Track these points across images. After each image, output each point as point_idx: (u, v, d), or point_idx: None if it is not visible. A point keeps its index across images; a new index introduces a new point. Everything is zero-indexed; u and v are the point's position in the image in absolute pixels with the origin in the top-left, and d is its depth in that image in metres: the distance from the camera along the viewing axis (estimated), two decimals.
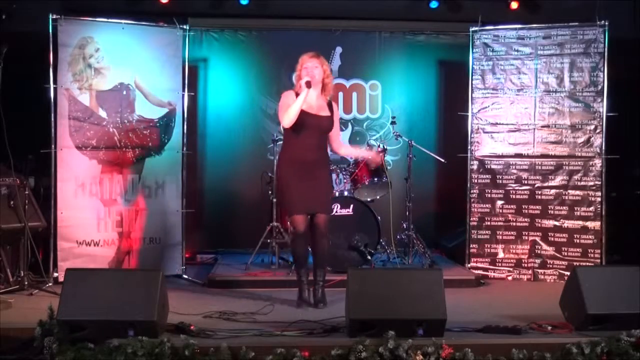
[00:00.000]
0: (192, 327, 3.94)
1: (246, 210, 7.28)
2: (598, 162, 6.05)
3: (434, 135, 7.52)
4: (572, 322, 4.17)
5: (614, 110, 6.02)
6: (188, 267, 6.26)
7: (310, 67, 4.81)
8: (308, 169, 4.78)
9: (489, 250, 6.27)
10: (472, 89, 6.33)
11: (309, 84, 4.71)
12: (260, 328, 4.11)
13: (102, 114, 5.86)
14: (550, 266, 6.11)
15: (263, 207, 6.62)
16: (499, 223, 6.26)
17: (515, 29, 6.28)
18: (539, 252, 6.16)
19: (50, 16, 5.60)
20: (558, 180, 6.15)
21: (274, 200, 6.23)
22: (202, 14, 7.24)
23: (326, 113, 4.86)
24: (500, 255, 6.24)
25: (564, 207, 6.12)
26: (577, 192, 6.10)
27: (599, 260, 5.95)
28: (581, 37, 6.08)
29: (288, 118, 4.69)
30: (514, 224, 6.23)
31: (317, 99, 4.85)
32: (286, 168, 4.87)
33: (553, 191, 6.17)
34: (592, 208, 6.05)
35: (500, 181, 6.27)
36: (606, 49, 5.98)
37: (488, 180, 6.30)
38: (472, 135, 6.32)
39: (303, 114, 4.72)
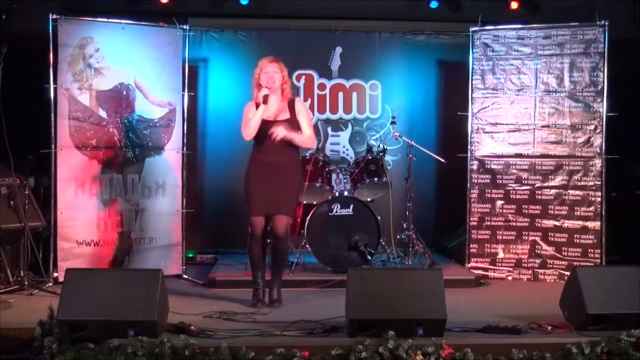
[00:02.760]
0: (192, 327, 3.94)
1: (246, 210, 7.26)
2: (598, 162, 6.05)
3: (434, 135, 7.51)
4: (572, 322, 4.17)
5: (614, 110, 6.02)
6: (188, 267, 6.26)
7: (271, 72, 4.89)
8: (271, 172, 4.85)
9: (489, 250, 6.27)
10: (472, 89, 6.33)
11: (265, 99, 4.81)
12: (260, 328, 4.12)
13: (102, 114, 5.86)
14: (550, 266, 6.11)
15: None
16: (499, 223, 6.26)
17: (515, 29, 6.28)
18: (539, 252, 6.16)
19: (50, 16, 5.60)
20: (558, 180, 6.15)
21: None
22: (202, 14, 7.23)
23: (285, 116, 4.92)
24: (500, 255, 6.24)
25: (564, 207, 6.12)
26: (577, 192, 6.10)
27: (599, 260, 5.95)
28: (581, 37, 6.09)
29: (248, 132, 4.86)
30: (514, 224, 6.23)
31: (276, 103, 4.93)
32: (250, 170, 4.96)
33: (553, 191, 6.17)
34: (592, 208, 6.05)
35: (500, 181, 6.27)
36: (606, 49, 5.99)
37: (488, 180, 6.30)
38: (472, 135, 6.33)
39: (262, 123, 4.83)
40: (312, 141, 5.02)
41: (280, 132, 4.78)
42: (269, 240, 5.09)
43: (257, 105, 4.87)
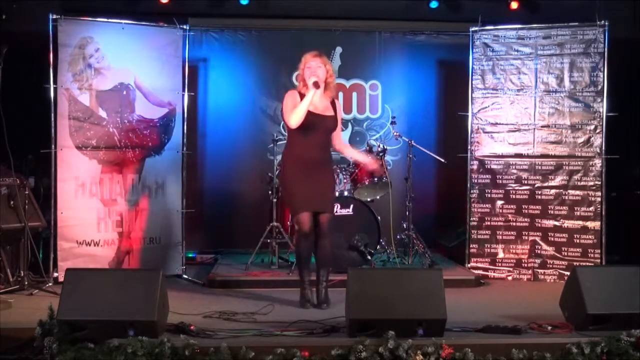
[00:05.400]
0: (192, 327, 3.94)
1: (246, 210, 7.28)
2: (598, 162, 6.05)
3: (434, 135, 7.52)
4: (572, 322, 4.17)
5: (614, 110, 6.02)
6: (188, 267, 6.26)
7: (314, 67, 4.79)
8: (313, 168, 4.78)
9: (489, 250, 6.27)
10: (472, 89, 6.33)
11: (317, 85, 4.69)
12: (260, 328, 4.11)
13: (102, 114, 5.86)
14: (550, 266, 6.11)
15: (263, 207, 6.62)
16: (499, 223, 6.26)
17: (515, 29, 6.28)
18: (539, 252, 6.16)
19: (50, 16, 5.60)
20: (558, 180, 6.15)
21: (274, 200, 6.23)
22: (202, 14, 7.24)
23: (330, 112, 4.86)
24: (500, 255, 6.24)
25: (564, 207, 6.12)
26: (577, 192, 6.10)
27: (599, 260, 5.95)
28: (581, 37, 6.09)
29: (296, 118, 4.67)
30: (514, 224, 6.23)
31: (320, 98, 4.83)
32: (292, 167, 4.85)
33: (553, 191, 6.17)
34: (592, 208, 6.05)
35: (500, 181, 6.27)
36: (606, 49, 5.99)
37: (488, 180, 6.30)
38: (472, 135, 6.33)
39: (308, 115, 4.70)
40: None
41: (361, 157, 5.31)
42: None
43: (301, 96, 4.75)
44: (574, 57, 6.11)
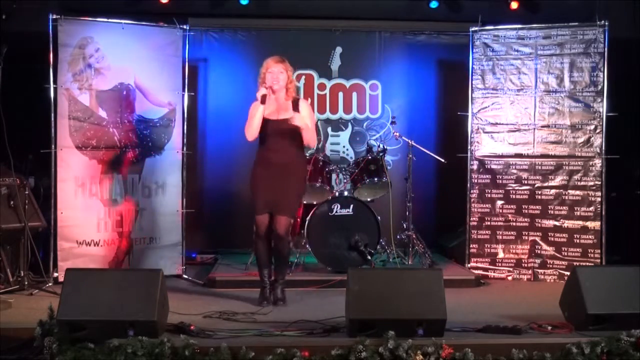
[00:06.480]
0: (192, 327, 3.95)
1: (246, 210, 7.21)
2: (598, 162, 6.05)
3: (434, 135, 7.51)
4: (572, 322, 4.17)
5: (614, 110, 6.02)
6: (188, 267, 6.26)
7: (276, 72, 4.91)
8: (274, 171, 4.86)
9: (489, 250, 6.27)
10: (472, 89, 6.33)
11: (263, 99, 4.81)
12: (260, 328, 4.12)
13: (102, 114, 5.86)
14: (550, 266, 6.11)
15: None
16: (499, 223, 6.26)
17: (515, 29, 6.28)
18: (539, 252, 6.16)
19: (50, 16, 5.60)
20: (558, 180, 6.16)
21: None
22: (202, 14, 7.23)
23: (287, 115, 4.87)
24: (500, 255, 6.24)
25: (564, 207, 6.12)
26: (577, 192, 6.10)
27: (599, 260, 5.95)
28: (581, 37, 6.09)
29: (249, 132, 4.89)
30: (514, 224, 6.23)
31: (280, 102, 4.93)
32: (254, 170, 4.99)
33: (553, 191, 6.17)
34: (592, 208, 6.05)
35: (500, 181, 6.28)
36: (606, 49, 5.99)
37: (488, 180, 6.30)
38: (472, 135, 6.33)
39: (264, 121, 4.86)
40: (313, 139, 5.00)
41: (296, 118, 4.78)
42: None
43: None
44: (574, 57, 6.11)
